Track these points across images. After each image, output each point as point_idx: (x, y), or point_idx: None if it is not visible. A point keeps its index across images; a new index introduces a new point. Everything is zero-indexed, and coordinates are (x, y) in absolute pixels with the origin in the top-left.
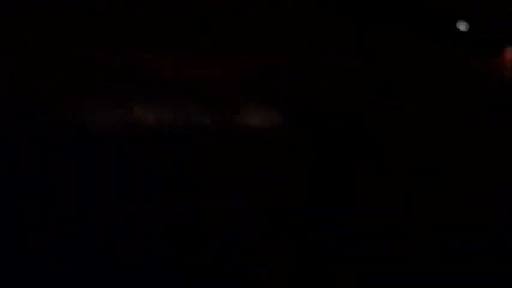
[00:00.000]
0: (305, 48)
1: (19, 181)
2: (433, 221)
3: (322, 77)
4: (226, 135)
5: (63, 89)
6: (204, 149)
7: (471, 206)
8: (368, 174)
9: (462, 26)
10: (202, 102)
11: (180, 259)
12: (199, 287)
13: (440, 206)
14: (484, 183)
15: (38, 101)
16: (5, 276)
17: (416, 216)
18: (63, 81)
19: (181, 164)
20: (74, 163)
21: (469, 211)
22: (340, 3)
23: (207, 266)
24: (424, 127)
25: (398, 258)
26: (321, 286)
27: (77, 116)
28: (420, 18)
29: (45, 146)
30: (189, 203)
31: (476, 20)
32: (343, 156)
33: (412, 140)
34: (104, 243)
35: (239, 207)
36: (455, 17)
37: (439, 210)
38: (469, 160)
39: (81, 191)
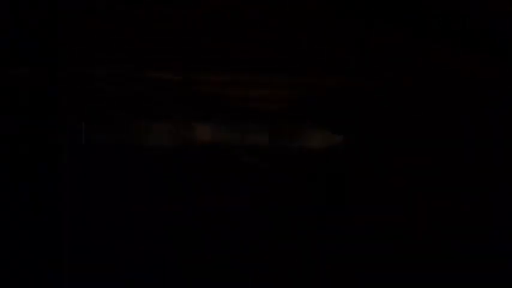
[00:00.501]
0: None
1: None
2: (433, 221)
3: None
4: (284, 156)
5: (124, 108)
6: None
7: (471, 206)
8: (368, 174)
9: None
10: (260, 123)
11: (180, 259)
12: (199, 287)
13: (440, 206)
14: (484, 183)
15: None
16: (4, 276)
17: (416, 216)
18: (123, 100)
19: (238, 184)
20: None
21: (469, 211)
22: (340, 3)
23: (207, 266)
24: (424, 127)
25: (398, 258)
26: (321, 286)
27: (132, 133)
28: (420, 18)
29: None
30: (189, 203)
31: (476, 20)
32: (343, 157)
33: (412, 140)
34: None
35: (239, 207)
36: (455, 17)
37: (439, 210)
38: (469, 160)
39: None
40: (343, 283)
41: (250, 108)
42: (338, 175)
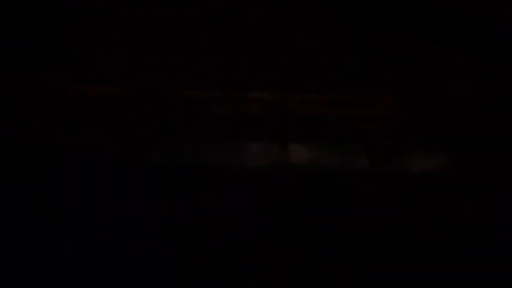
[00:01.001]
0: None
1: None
2: (433, 221)
3: None
4: (387, 180)
5: (216, 131)
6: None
7: (471, 206)
8: (366, 173)
9: None
10: (357, 144)
11: (180, 259)
12: (199, 287)
13: (440, 206)
14: (484, 183)
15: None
16: (4, 276)
17: (416, 216)
18: (216, 120)
19: (335, 206)
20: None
21: (469, 211)
22: (340, 3)
23: (207, 266)
24: (424, 127)
25: (399, 258)
26: (321, 286)
27: (226, 154)
28: (420, 18)
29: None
30: (189, 203)
31: (476, 20)
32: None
33: (412, 140)
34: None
35: (239, 207)
36: (455, 17)
37: (439, 210)
38: (469, 160)
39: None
40: (343, 283)
41: (348, 129)
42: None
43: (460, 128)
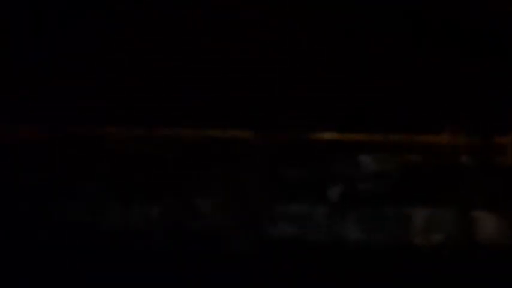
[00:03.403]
0: None
1: None
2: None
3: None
4: None
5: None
6: None
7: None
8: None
9: None
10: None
11: (180, 259)
12: (199, 286)
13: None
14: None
15: None
16: (4, 276)
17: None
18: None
19: None
20: None
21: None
22: (340, 3)
23: (207, 265)
24: (424, 127)
25: (399, 258)
26: (321, 286)
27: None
28: (420, 18)
29: None
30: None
31: (476, 20)
32: None
33: (412, 140)
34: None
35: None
36: (455, 17)
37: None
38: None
39: None
40: (343, 283)
41: None
42: None
43: (460, 128)
